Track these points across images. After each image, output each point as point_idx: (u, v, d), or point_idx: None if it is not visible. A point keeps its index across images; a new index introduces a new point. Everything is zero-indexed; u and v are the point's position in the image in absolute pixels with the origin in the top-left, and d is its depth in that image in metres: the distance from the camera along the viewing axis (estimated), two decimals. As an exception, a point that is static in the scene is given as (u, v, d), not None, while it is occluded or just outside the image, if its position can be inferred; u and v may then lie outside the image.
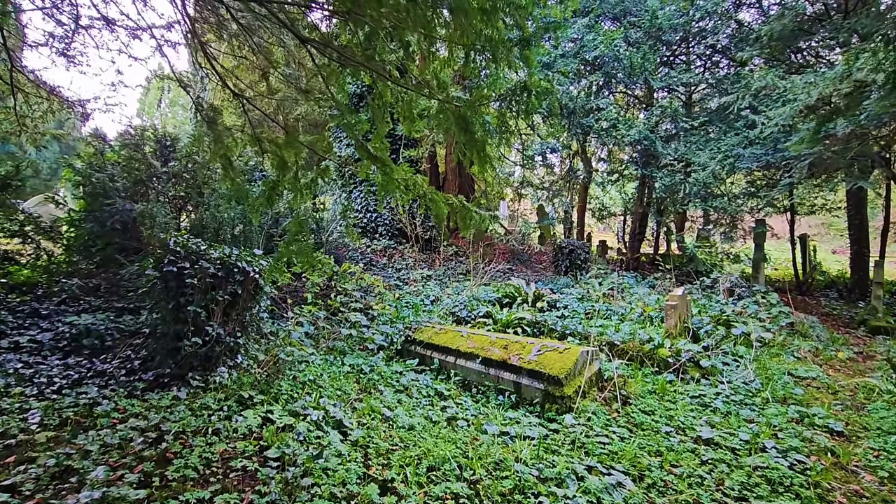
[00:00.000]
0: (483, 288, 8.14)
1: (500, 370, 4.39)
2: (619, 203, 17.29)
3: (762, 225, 8.99)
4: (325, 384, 4.18)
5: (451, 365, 4.81)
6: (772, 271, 14.56)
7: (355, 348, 5.37)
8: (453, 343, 4.92)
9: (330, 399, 3.81)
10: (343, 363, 4.86)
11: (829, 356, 6.14)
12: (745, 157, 7.82)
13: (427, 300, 7.71)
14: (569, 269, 9.81)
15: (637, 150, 9.91)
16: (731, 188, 11.38)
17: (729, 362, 5.09)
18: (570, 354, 4.13)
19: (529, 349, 4.38)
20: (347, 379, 4.45)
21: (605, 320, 6.35)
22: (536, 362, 4.16)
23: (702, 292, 7.96)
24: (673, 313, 5.20)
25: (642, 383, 4.48)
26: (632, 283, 8.32)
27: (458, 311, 6.45)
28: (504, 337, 4.70)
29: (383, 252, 10.03)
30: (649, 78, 9.18)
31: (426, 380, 4.58)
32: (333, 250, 8.57)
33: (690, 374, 4.68)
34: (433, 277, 8.99)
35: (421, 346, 5.19)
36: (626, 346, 5.03)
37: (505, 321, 5.81)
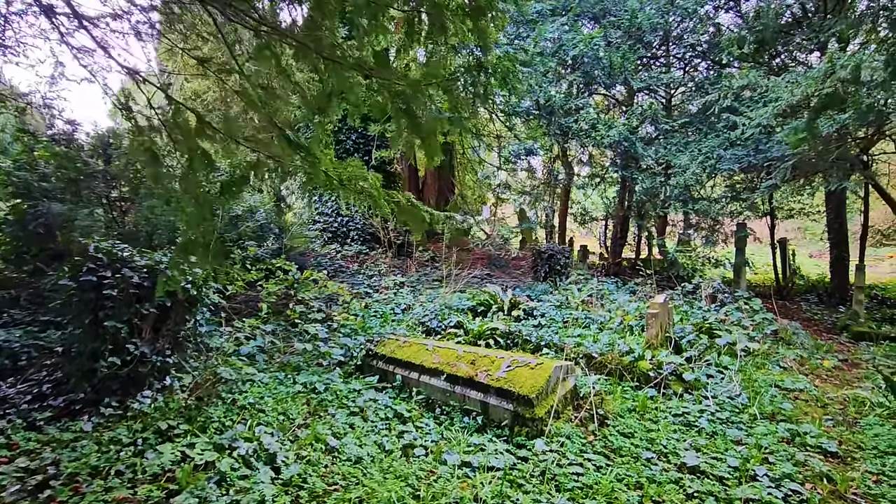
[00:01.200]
0: (458, 295, 7.73)
1: (467, 388, 3.98)
2: (601, 207, 17.09)
3: (743, 229, 8.79)
4: (268, 408, 3.71)
5: (415, 382, 4.38)
6: (752, 275, 14.47)
7: (312, 364, 4.90)
8: (417, 357, 4.49)
9: (269, 426, 3.34)
10: (295, 382, 4.39)
11: (814, 365, 5.88)
12: (726, 158, 7.59)
13: (398, 309, 7.27)
14: (548, 275, 9.47)
15: (617, 153, 9.66)
16: (711, 192, 11.22)
17: (713, 374, 4.76)
18: (542, 370, 3.74)
19: (499, 364, 3.97)
20: (296, 400, 3.98)
21: (584, 329, 6.00)
22: (505, 379, 3.76)
23: (683, 298, 7.68)
24: (654, 322, 4.86)
25: (621, 400, 4.11)
26: (612, 289, 8.00)
27: (427, 320, 6.03)
28: (472, 351, 4.29)
29: (354, 258, 9.56)
30: (629, 78, 8.93)
31: (385, 399, 4.13)
32: (298, 256, 8.08)
33: (673, 389, 4.33)
34: (406, 284, 8.56)
35: (383, 361, 4.74)
36: (604, 358, 4.66)
37: (476, 332, 5.41)
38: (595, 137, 8.50)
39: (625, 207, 13.21)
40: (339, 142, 10.12)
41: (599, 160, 16.38)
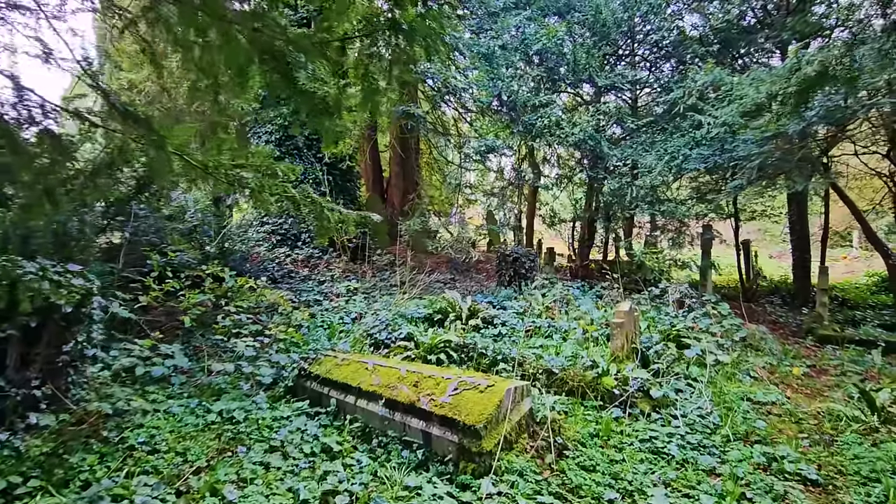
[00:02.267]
0: (416, 302, 7.20)
1: (408, 415, 3.44)
2: (569, 209, 16.89)
3: (709, 231, 8.59)
4: (164, 447, 3.07)
5: (351, 407, 3.82)
6: (717, 277, 14.51)
7: (237, 386, 4.26)
8: (355, 378, 3.93)
9: (155, 475, 2.72)
10: (209, 410, 3.75)
11: (784, 372, 5.63)
12: (692, 157, 7.34)
13: (348, 318, 6.67)
14: (512, 279, 9.04)
15: (584, 153, 9.34)
16: (677, 193, 11.07)
17: (683, 388, 4.38)
18: (492, 394, 3.24)
19: (444, 387, 3.45)
20: (204, 435, 3.36)
21: (546, 339, 5.56)
22: (450, 406, 3.24)
23: (650, 303, 7.37)
24: (619, 333, 4.45)
25: (583, 423, 3.66)
26: (577, 294, 7.63)
27: (376, 332, 5.47)
28: (417, 370, 3.76)
29: (305, 262, 8.89)
30: (594, 75, 8.63)
31: (315, 429, 3.55)
32: (240, 262, 7.37)
33: (640, 408, 3.91)
34: (361, 291, 7.96)
35: (317, 382, 4.16)
36: (565, 374, 4.21)
37: (428, 345, 4.88)
38: (559, 136, 8.13)
39: (592, 209, 12.98)
40: (289, 137, 9.44)
41: (567, 161, 16.19)
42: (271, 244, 8.93)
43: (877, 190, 12.14)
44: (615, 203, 10.23)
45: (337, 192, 9.75)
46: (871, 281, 13.33)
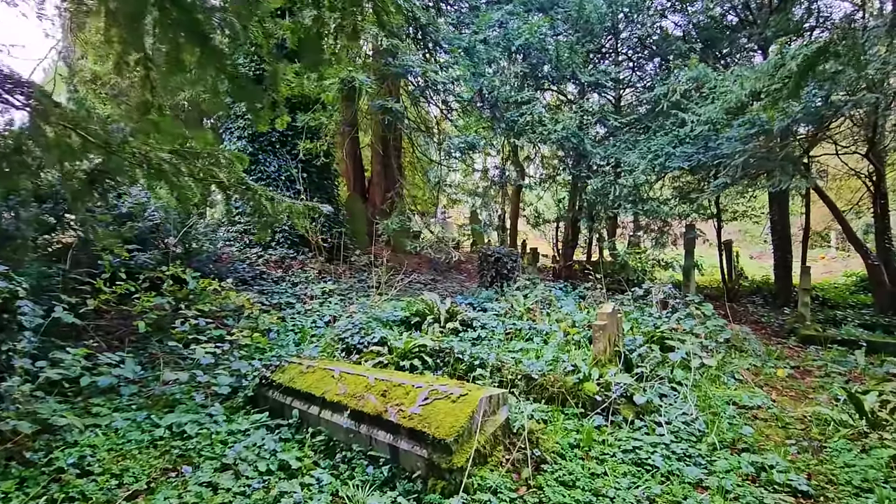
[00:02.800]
0: (394, 304, 6.92)
1: (374, 428, 3.18)
2: (554, 209, 16.77)
3: (692, 230, 8.49)
4: (100, 468, 2.76)
5: (315, 419, 3.53)
6: (699, 277, 14.53)
7: (192, 397, 3.94)
8: (319, 387, 3.65)
9: (82, 501, 2.41)
10: (158, 424, 3.43)
11: (768, 374, 5.50)
12: (676, 156, 7.22)
13: (321, 321, 6.37)
14: (494, 280, 8.83)
15: (566, 151, 9.18)
16: (660, 193, 10.99)
17: (667, 393, 4.20)
18: (465, 404, 2.99)
19: (414, 396, 3.20)
20: (148, 452, 3.05)
21: (527, 342, 5.34)
22: (420, 417, 2.99)
23: (634, 304, 7.22)
24: (602, 336, 4.25)
25: (563, 433, 3.43)
26: (560, 294, 7.44)
27: (348, 336, 5.18)
28: (386, 378, 3.50)
29: (279, 263, 8.54)
30: (577, 72, 8.47)
31: (273, 443, 3.26)
32: (208, 263, 7.01)
33: (623, 415, 3.70)
34: (336, 293, 7.65)
35: (279, 392, 3.86)
36: (545, 380, 3.99)
37: (402, 350, 4.62)
38: (542, 133, 7.95)
39: (575, 209, 12.85)
40: (263, 134, 9.09)
41: (550, 160, 16.07)
42: (243, 244, 8.57)
43: (854, 190, 12.26)
44: (598, 202, 10.10)
45: (313, 190, 9.41)
46: (850, 281, 13.47)
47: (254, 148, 9.11)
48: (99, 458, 2.84)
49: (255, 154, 9.07)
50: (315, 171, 9.54)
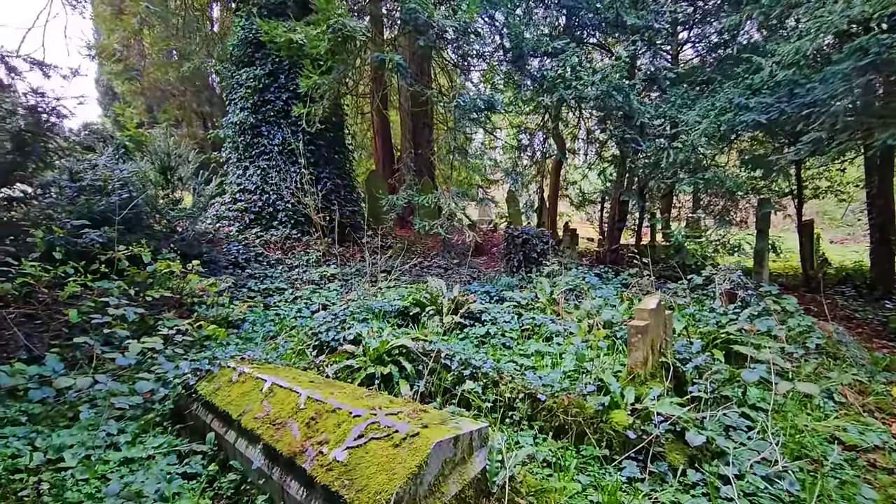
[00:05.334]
0: (395, 292, 5.95)
1: (288, 474, 2.20)
2: (599, 186, 15.12)
3: (767, 204, 6.87)
4: None
5: (231, 448, 2.61)
6: (771, 264, 12.56)
7: (103, 408, 3.13)
8: (240, 405, 2.72)
9: None
10: (37, 446, 2.63)
11: (880, 394, 4.05)
12: (749, 108, 5.67)
13: (308, 310, 5.50)
14: (521, 265, 7.65)
15: (609, 111, 7.74)
16: (727, 161, 9.28)
17: (736, 425, 2.94)
18: (412, 450, 1.94)
19: (346, 430, 2.18)
20: (-19, 495, 2.23)
21: (544, 343, 4.19)
22: (342, 468, 1.97)
23: (691, 294, 5.83)
24: (641, 342, 3.03)
25: (573, 490, 2.30)
26: (595, 282, 6.16)
27: (323, 331, 4.24)
28: (321, 398, 2.50)
29: (281, 244, 7.77)
30: (622, 13, 6.97)
31: (157, 483, 2.36)
32: (198, 242, 6.30)
33: (669, 461, 2.52)
34: (339, 277, 6.77)
35: (202, 406, 2.97)
36: (555, 402, 2.85)
37: (376, 351, 3.61)
38: (577, 88, 6.59)
39: (623, 185, 11.29)
40: (266, 102, 8.28)
41: (595, 133, 14.45)
42: (243, 224, 7.86)
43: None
44: (649, 174, 8.59)
45: (322, 164, 8.56)
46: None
47: (256, 119, 8.35)
48: None
49: (258, 126, 8.31)
50: (324, 144, 8.66)
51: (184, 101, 17.41)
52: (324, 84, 6.05)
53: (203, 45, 12.01)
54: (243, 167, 8.40)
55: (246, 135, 8.42)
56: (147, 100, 18.52)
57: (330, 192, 8.44)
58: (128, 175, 5.58)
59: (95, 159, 5.46)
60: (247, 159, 8.41)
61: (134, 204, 5.29)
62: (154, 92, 17.58)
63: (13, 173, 4.14)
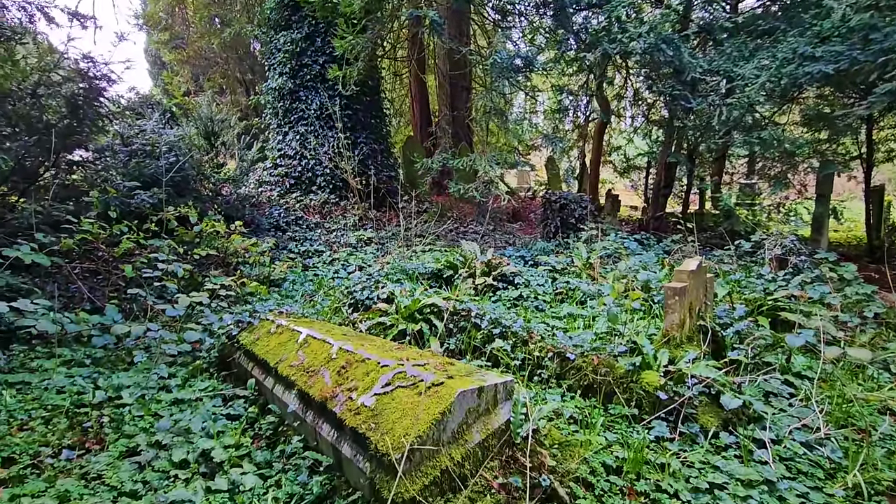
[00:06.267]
0: (431, 255, 5.99)
1: (319, 418, 2.31)
2: (645, 150, 14.40)
3: (830, 165, 6.35)
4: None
5: (270, 393, 2.77)
6: (833, 233, 11.70)
7: (158, 355, 3.38)
8: (278, 353, 2.86)
9: None
10: (99, 385, 2.89)
11: (943, 367, 3.76)
12: (816, 58, 5.16)
13: (345, 271, 5.64)
14: (558, 230, 7.50)
15: (656, 67, 7.28)
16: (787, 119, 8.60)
17: (778, 392, 2.83)
18: (435, 398, 1.99)
19: (374, 378, 2.25)
20: (56, 423, 2.48)
21: (578, 307, 4.13)
22: (369, 413, 2.05)
23: (737, 261, 5.55)
24: (678, 304, 2.92)
25: (598, 445, 2.30)
26: (635, 247, 5.96)
27: (358, 291, 4.35)
28: (352, 349, 2.58)
29: (319, 208, 7.93)
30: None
31: (203, 422, 2.55)
32: (241, 206, 6.55)
33: (701, 423, 2.46)
34: (375, 241, 6.88)
35: (243, 355, 3.15)
36: (584, 361, 2.82)
37: (408, 309, 3.68)
38: (622, 42, 6.19)
39: (671, 148, 10.71)
40: (303, 66, 8.30)
41: (642, 94, 13.69)
42: (283, 188, 8.06)
43: None
44: (700, 135, 8.10)
45: (359, 129, 8.57)
46: None
47: (294, 84, 8.41)
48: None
49: (296, 91, 8.38)
50: (361, 108, 8.65)
51: (227, 68, 17.79)
52: (358, 44, 5.99)
53: (243, 10, 12.15)
54: (283, 133, 8.55)
55: (285, 100, 8.52)
56: (193, 68, 19.04)
57: (367, 156, 8.48)
58: (174, 140, 5.81)
59: (144, 124, 5.70)
60: (286, 125, 8.55)
61: (180, 167, 5.52)
62: (199, 60, 18.03)
63: (71, 138, 4.39)
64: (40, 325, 3.03)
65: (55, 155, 4.52)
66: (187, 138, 5.99)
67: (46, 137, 4.21)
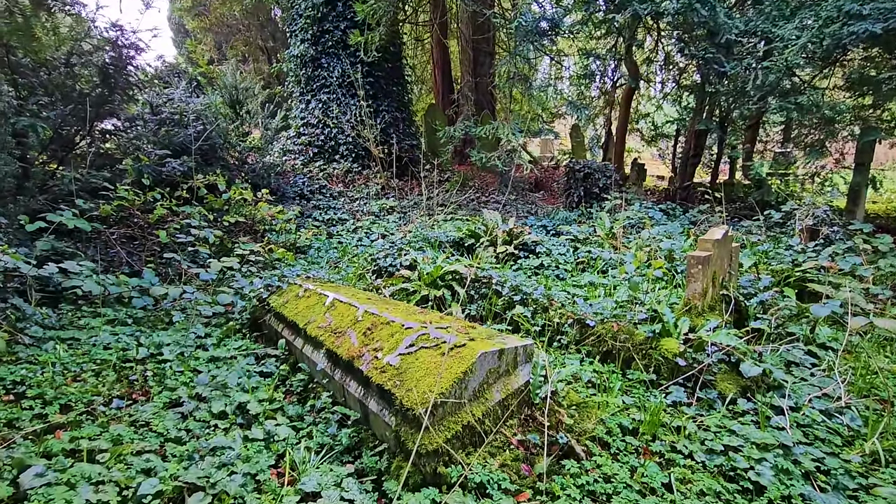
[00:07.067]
0: (451, 224, 6.03)
1: (347, 375, 2.43)
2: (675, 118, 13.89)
3: (872, 131, 6.05)
4: (34, 389, 2.41)
5: (299, 353, 2.91)
6: (870, 204, 11.21)
7: (193, 315, 3.56)
8: (306, 316, 2.98)
9: None
10: (141, 342, 3.08)
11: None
12: (865, 15, 4.85)
13: (368, 239, 5.74)
14: (582, 200, 7.42)
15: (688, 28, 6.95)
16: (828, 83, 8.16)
17: (800, 361, 2.83)
18: (458, 359, 2.07)
19: (399, 340, 2.35)
20: (105, 376, 2.67)
21: (600, 276, 4.14)
22: (394, 371, 2.15)
23: (766, 232, 5.43)
24: (701, 272, 2.91)
25: (616, 407, 2.36)
26: (660, 217, 5.87)
27: (381, 258, 4.45)
28: (377, 311, 2.68)
29: (342, 177, 8.00)
30: None
31: (238, 377, 2.71)
32: (266, 174, 6.66)
33: (719, 390, 2.49)
34: (398, 210, 6.94)
35: (274, 317, 3.30)
36: (604, 328, 2.86)
37: (430, 276, 3.75)
38: (654, 1, 5.92)
39: (702, 115, 10.31)
40: (325, 33, 8.20)
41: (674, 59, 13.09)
42: (307, 157, 8.13)
43: None
44: (733, 102, 7.78)
45: (381, 97, 8.51)
46: None
47: (316, 51, 8.35)
48: (42, 380, 2.50)
49: (318, 58, 8.32)
50: (382, 75, 8.55)
51: (249, 36, 17.71)
52: (380, 8, 5.88)
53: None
54: (305, 101, 8.56)
55: (307, 67, 8.49)
56: (216, 36, 19.02)
57: (388, 125, 8.44)
58: (201, 108, 5.89)
59: (171, 93, 5.79)
60: (308, 93, 8.54)
61: (208, 136, 5.62)
62: (221, 28, 17.98)
63: (103, 107, 4.51)
64: (87, 286, 3.22)
65: (89, 124, 4.66)
66: (213, 107, 6.05)
67: (81, 107, 4.34)
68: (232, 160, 6.21)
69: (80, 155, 4.68)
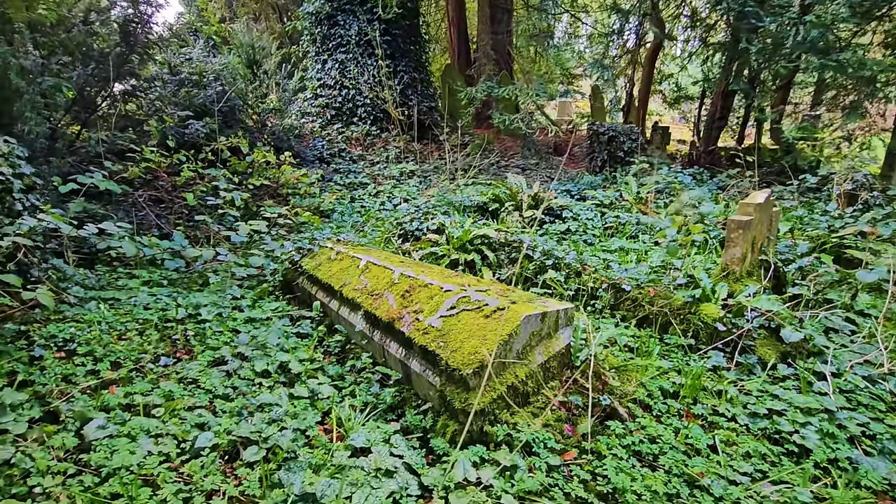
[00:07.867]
0: (475, 188, 5.96)
1: (387, 337, 2.46)
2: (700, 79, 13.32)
3: (919, 93, 5.75)
4: (84, 347, 2.47)
5: (335, 315, 2.95)
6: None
7: (227, 278, 3.60)
8: (340, 278, 3.00)
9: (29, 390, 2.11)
10: (180, 303, 3.13)
11: None
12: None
13: (390, 203, 5.71)
14: (606, 164, 7.26)
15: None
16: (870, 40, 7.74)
17: (840, 328, 2.79)
18: (501, 321, 2.07)
19: (439, 302, 2.35)
20: (149, 335, 2.73)
21: (630, 241, 4.08)
22: (437, 333, 2.16)
23: (800, 198, 5.28)
24: (741, 237, 2.85)
25: (655, 371, 2.37)
26: (688, 182, 5.72)
27: (407, 222, 4.42)
28: (413, 274, 2.68)
29: (361, 140, 7.89)
30: None
31: (277, 338, 2.76)
32: (285, 137, 6.58)
33: (759, 355, 2.48)
34: (417, 174, 6.86)
35: (306, 279, 3.32)
36: (641, 293, 2.83)
37: (459, 240, 3.73)
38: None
39: (731, 75, 9.87)
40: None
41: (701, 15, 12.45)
42: (325, 120, 8.00)
43: None
44: (767, 60, 7.41)
45: (398, 56, 8.26)
46: None
47: (332, 7, 8.06)
48: (90, 338, 2.56)
49: (334, 15, 8.05)
50: (400, 34, 8.27)
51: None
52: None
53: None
54: (321, 61, 8.33)
55: (322, 25, 8.22)
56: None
57: (407, 86, 8.23)
58: (219, 68, 5.78)
59: (189, 52, 5.67)
60: (325, 52, 8.31)
61: (227, 97, 5.53)
62: (231, -16, 17.38)
63: (123, 67, 4.43)
64: (124, 247, 3.25)
65: (112, 84, 4.60)
66: (231, 67, 5.92)
67: (102, 66, 4.27)
68: (252, 122, 6.14)
69: (101, 117, 4.65)
